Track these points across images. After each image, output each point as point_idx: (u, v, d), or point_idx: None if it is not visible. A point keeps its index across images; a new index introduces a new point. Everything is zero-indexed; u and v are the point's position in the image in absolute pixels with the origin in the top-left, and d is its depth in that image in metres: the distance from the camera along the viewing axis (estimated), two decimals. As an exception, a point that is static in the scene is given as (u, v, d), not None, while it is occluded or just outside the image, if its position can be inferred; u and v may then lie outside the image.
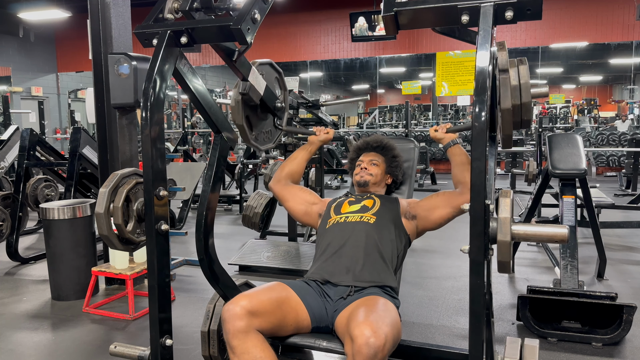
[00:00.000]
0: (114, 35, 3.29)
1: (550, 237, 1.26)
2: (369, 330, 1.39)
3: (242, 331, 1.51)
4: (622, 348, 2.51)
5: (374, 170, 2.12)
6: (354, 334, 1.40)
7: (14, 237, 4.10)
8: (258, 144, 2.02)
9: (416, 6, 1.34)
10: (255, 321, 1.53)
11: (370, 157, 2.15)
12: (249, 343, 1.51)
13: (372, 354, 1.37)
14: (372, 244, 1.84)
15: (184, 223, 5.35)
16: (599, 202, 4.28)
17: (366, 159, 2.15)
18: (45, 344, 2.70)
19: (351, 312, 1.54)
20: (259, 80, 1.87)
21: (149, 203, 1.53)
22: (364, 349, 1.37)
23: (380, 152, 2.17)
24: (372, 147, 2.19)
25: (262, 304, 1.56)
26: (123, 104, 2.92)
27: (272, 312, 1.58)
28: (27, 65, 11.67)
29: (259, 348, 1.51)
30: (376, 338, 1.38)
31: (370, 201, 2.01)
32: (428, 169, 8.63)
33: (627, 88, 14.88)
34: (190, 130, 9.75)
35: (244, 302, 1.54)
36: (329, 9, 10.51)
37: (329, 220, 1.99)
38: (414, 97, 14.79)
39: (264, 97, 1.91)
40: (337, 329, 1.65)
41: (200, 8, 1.63)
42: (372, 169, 2.12)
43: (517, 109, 1.44)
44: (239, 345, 1.51)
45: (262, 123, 2.05)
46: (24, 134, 4.42)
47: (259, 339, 1.53)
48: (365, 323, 1.41)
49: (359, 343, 1.38)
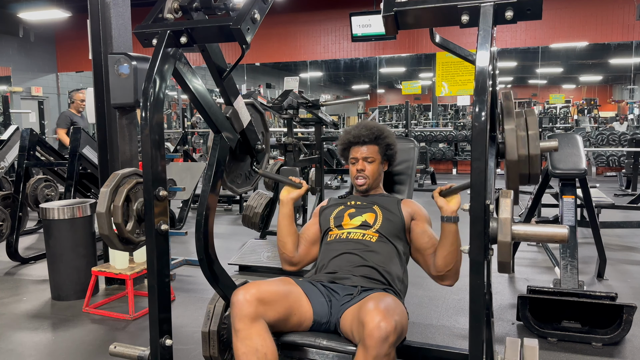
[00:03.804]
0: (114, 35, 3.29)
1: (550, 237, 1.26)
2: (380, 316, 1.43)
3: (249, 317, 1.55)
4: (622, 348, 2.51)
5: (371, 170, 2.02)
6: (365, 320, 1.44)
7: (14, 237, 4.10)
8: (234, 187, 1.97)
9: (416, 6, 1.34)
10: (263, 309, 1.57)
11: (364, 154, 2.02)
12: (253, 330, 1.55)
13: (383, 337, 1.40)
14: (377, 262, 1.83)
15: (184, 223, 5.35)
16: (599, 202, 4.28)
17: (360, 156, 2.02)
18: (45, 344, 2.70)
19: (361, 305, 1.56)
20: (244, 110, 1.85)
21: (148, 203, 1.53)
22: (376, 332, 1.40)
23: (374, 143, 2.03)
24: (364, 141, 2.02)
25: (271, 294, 1.61)
26: (123, 104, 2.92)
27: (279, 303, 1.62)
28: (27, 65, 11.67)
29: (262, 337, 1.55)
30: (387, 323, 1.42)
31: (372, 215, 1.95)
32: (428, 169, 8.63)
33: (627, 88, 14.87)
34: (190, 130, 9.75)
35: (254, 289, 1.59)
36: (329, 9, 10.50)
37: (330, 234, 1.96)
38: (414, 97, 14.77)
39: (245, 130, 1.88)
40: (342, 326, 1.65)
41: (200, 8, 1.63)
42: (369, 169, 2.02)
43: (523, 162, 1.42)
44: (243, 329, 1.55)
45: (240, 165, 2.00)
46: (24, 134, 4.42)
47: (263, 328, 1.57)
48: (376, 310, 1.45)
49: (370, 327, 1.41)
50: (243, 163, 2.02)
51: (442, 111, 15.44)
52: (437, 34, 1.73)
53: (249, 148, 1.97)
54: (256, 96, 4.38)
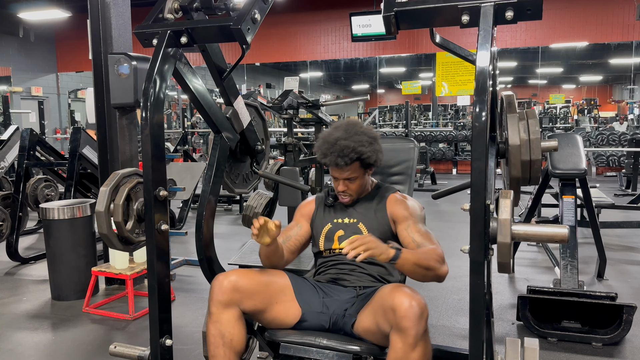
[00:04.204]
0: (114, 35, 3.29)
1: (551, 237, 1.26)
2: (408, 298, 1.43)
3: (222, 303, 1.62)
4: (622, 348, 2.51)
5: (355, 187, 1.82)
6: (394, 304, 1.43)
7: (14, 237, 4.10)
8: (234, 187, 1.96)
9: (416, 6, 1.34)
10: (239, 297, 1.62)
11: (345, 175, 1.78)
12: (224, 315, 1.62)
13: (418, 314, 1.41)
14: (377, 271, 1.82)
15: (184, 223, 5.34)
16: (599, 202, 4.28)
17: (341, 177, 1.80)
18: (45, 344, 2.70)
19: (380, 297, 1.55)
20: (244, 110, 1.85)
21: (148, 203, 1.53)
22: (410, 312, 1.41)
23: (351, 164, 1.75)
24: (338, 164, 1.74)
25: (250, 283, 1.64)
26: (123, 104, 2.91)
27: (258, 293, 1.66)
28: (27, 65, 11.67)
29: (231, 324, 1.62)
30: (417, 301, 1.43)
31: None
32: (428, 169, 8.63)
33: (627, 88, 14.87)
34: (190, 130, 9.75)
35: (234, 277, 1.63)
36: (329, 9, 10.50)
37: (324, 253, 1.87)
38: (414, 97, 14.77)
39: (245, 131, 1.88)
40: (361, 326, 1.63)
41: (200, 8, 1.63)
42: (352, 187, 1.82)
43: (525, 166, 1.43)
44: (215, 313, 1.62)
45: (240, 165, 1.99)
46: (24, 134, 4.42)
47: (235, 315, 1.62)
48: (402, 293, 1.45)
49: (403, 309, 1.41)
50: (243, 164, 2.02)
51: (442, 111, 15.43)
52: (437, 34, 1.73)
53: (248, 148, 1.97)
54: (256, 96, 4.38)
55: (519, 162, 1.50)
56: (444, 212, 6.05)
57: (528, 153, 1.47)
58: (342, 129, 1.77)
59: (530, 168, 1.51)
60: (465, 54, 1.80)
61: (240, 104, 1.83)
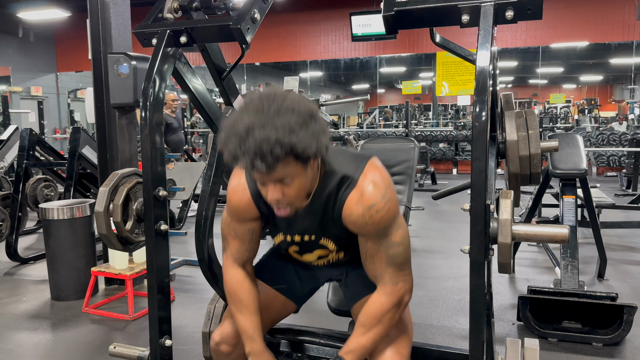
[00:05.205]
0: (114, 35, 3.29)
1: (551, 237, 1.26)
2: None
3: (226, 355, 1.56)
4: (623, 348, 2.50)
5: (293, 192, 1.24)
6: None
7: (13, 237, 4.10)
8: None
9: (416, 6, 1.33)
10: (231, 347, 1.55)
11: (274, 177, 1.19)
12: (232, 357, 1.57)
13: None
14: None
15: (184, 223, 5.34)
16: (600, 202, 4.28)
17: (269, 181, 1.21)
18: (45, 344, 2.69)
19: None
20: None
21: (148, 203, 1.52)
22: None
23: (279, 163, 1.14)
24: (258, 168, 1.13)
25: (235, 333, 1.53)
26: (122, 103, 2.92)
27: None
28: (27, 65, 11.67)
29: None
30: None
31: (324, 251, 1.48)
32: (428, 169, 8.63)
33: (627, 88, 14.88)
34: (190, 130, 9.75)
35: (217, 338, 1.55)
36: (329, 9, 10.50)
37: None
38: (414, 97, 14.77)
39: None
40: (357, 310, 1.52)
41: (200, 7, 1.63)
42: (288, 192, 1.23)
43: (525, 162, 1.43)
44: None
45: None
46: (23, 134, 4.41)
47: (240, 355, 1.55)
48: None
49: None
50: None
51: (443, 111, 15.44)
52: (438, 34, 1.73)
53: None
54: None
55: (516, 157, 1.50)
56: (444, 212, 6.05)
57: (526, 148, 1.47)
58: (254, 110, 1.14)
59: (529, 164, 1.51)
60: (466, 54, 1.80)
61: (240, 102, 1.83)
